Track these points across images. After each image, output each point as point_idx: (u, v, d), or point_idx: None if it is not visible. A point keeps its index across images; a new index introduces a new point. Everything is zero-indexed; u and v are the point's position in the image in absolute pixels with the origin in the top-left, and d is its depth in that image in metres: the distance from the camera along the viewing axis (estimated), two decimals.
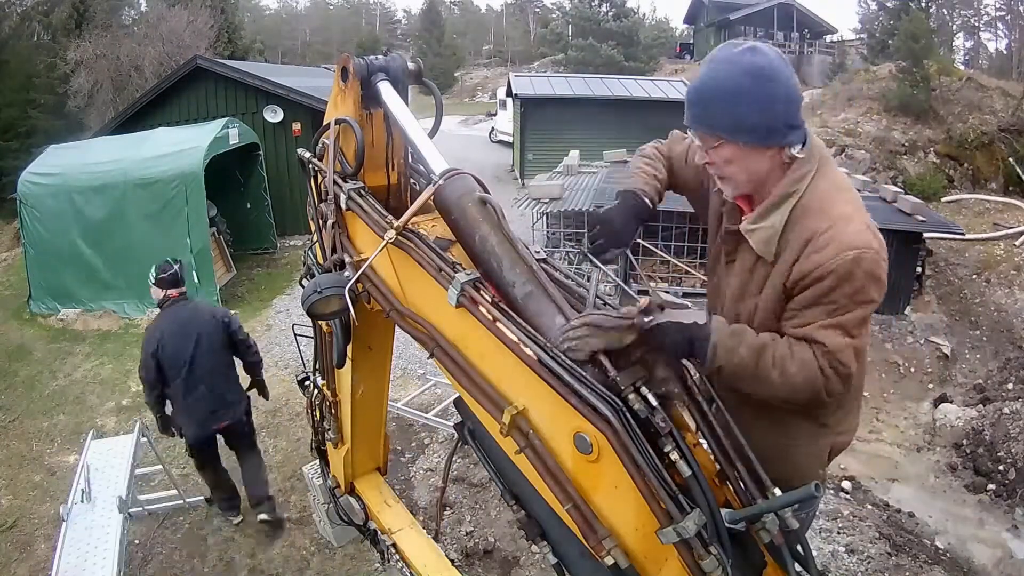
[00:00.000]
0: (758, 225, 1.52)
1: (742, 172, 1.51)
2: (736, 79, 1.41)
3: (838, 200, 1.47)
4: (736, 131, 1.45)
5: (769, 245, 1.51)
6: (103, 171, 8.19)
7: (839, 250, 1.39)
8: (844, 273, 1.38)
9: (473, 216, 1.45)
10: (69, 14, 18.14)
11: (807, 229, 1.45)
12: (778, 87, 1.42)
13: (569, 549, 1.44)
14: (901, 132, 14.30)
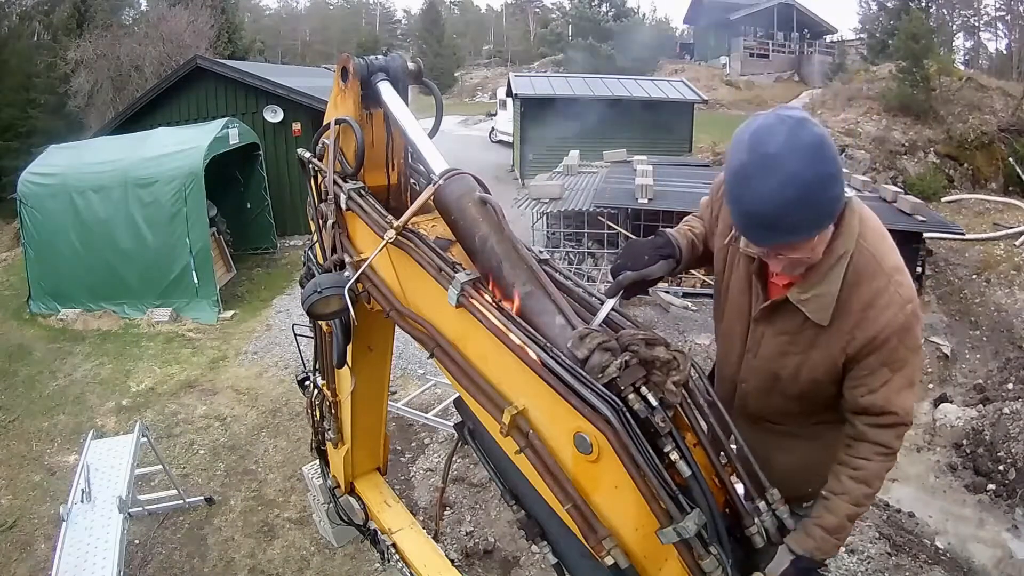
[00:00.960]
0: (811, 293, 1.43)
1: (810, 255, 1.39)
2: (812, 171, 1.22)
3: (885, 249, 1.43)
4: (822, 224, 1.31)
5: (826, 311, 1.42)
6: (103, 171, 8.19)
7: (901, 306, 1.38)
8: (906, 328, 1.39)
9: (473, 216, 1.45)
10: (70, 14, 18.16)
11: (866, 290, 1.40)
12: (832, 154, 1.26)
13: (569, 549, 1.44)
14: (901, 132, 14.31)
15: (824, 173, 1.23)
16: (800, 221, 1.26)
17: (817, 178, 1.22)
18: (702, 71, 28.70)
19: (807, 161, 1.21)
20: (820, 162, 1.22)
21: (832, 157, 1.25)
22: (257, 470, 5.00)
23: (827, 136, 1.26)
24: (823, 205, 1.27)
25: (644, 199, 8.61)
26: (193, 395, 6.22)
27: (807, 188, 1.22)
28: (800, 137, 1.22)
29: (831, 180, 1.25)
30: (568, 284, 1.49)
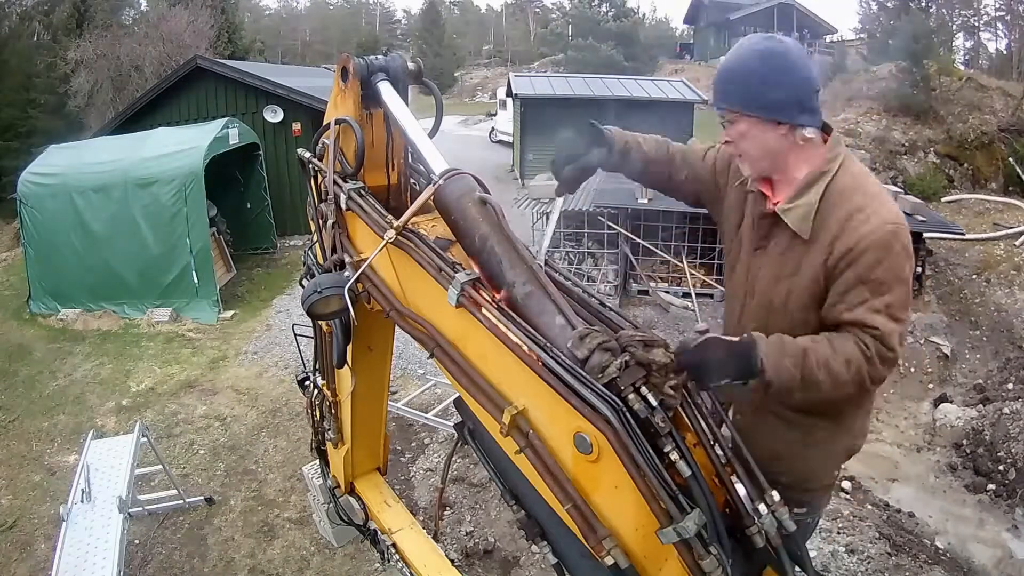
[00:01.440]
0: (794, 204, 1.57)
1: (756, 147, 1.59)
2: (752, 59, 1.55)
3: (870, 181, 1.56)
4: (748, 104, 1.55)
5: (806, 221, 1.54)
6: (103, 171, 8.19)
7: (881, 222, 1.44)
8: (886, 245, 1.43)
9: (473, 216, 1.45)
10: (70, 14, 18.16)
11: (846, 206, 1.49)
12: (789, 67, 1.52)
13: (569, 549, 1.44)
14: (901, 132, 14.30)
15: (766, 67, 1.52)
16: (732, 89, 1.58)
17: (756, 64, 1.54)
18: (702, 71, 28.70)
19: (758, 51, 1.55)
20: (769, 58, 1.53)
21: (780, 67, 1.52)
22: (257, 470, 5.00)
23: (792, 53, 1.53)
24: (754, 87, 1.53)
25: (644, 199, 8.61)
26: (193, 395, 6.22)
27: (748, 63, 1.55)
28: (775, 43, 1.55)
29: (770, 75, 1.52)
30: (567, 285, 1.49)
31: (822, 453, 1.70)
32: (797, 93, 1.53)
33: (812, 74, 1.56)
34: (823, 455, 1.71)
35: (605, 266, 8.95)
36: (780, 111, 1.54)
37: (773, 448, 1.44)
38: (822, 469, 1.73)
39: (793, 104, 1.53)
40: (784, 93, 1.53)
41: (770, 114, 1.54)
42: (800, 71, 1.54)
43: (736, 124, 1.59)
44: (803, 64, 1.54)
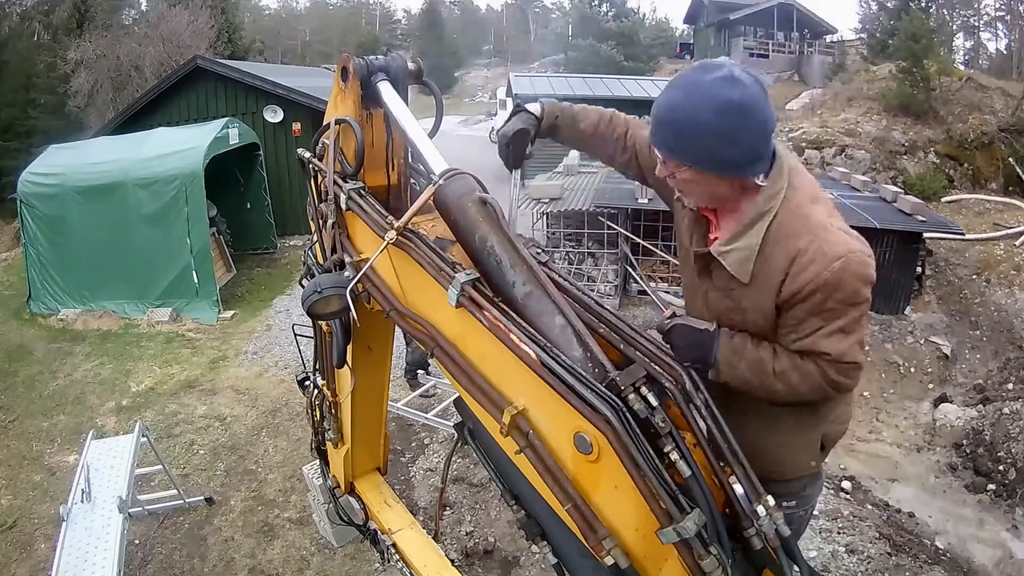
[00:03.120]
0: (731, 247, 1.48)
1: (704, 193, 1.51)
2: (707, 114, 1.36)
3: (813, 212, 1.45)
4: (700, 163, 1.43)
5: (744, 266, 1.47)
6: (103, 171, 8.19)
7: (827, 262, 1.38)
8: (835, 283, 1.38)
9: (473, 216, 1.45)
10: (70, 14, 18.14)
11: (789, 248, 1.42)
12: (749, 123, 1.38)
13: (569, 549, 1.44)
14: (901, 132, 14.30)
15: (725, 127, 1.36)
16: (681, 143, 1.42)
17: (713, 123, 1.36)
18: None
19: (716, 105, 1.35)
20: (727, 115, 1.35)
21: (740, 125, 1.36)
22: (257, 470, 5.00)
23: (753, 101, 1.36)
24: (710, 148, 1.39)
25: (644, 199, 8.61)
26: (193, 395, 6.22)
27: (703, 119, 1.36)
28: (734, 91, 1.35)
29: (729, 136, 1.37)
30: (568, 286, 1.49)
31: (797, 442, 1.68)
32: (754, 148, 1.42)
33: (769, 117, 1.42)
34: (796, 444, 1.68)
35: (605, 266, 8.95)
36: (734, 169, 1.43)
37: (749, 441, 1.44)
38: (797, 458, 1.69)
39: (748, 160, 1.42)
40: (741, 152, 1.40)
41: (723, 172, 1.44)
42: (759, 122, 1.39)
43: (680, 172, 1.47)
44: (762, 110, 1.39)
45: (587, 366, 1.27)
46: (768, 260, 1.44)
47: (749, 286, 1.48)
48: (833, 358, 1.43)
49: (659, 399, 1.20)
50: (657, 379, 1.25)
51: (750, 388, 1.50)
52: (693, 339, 1.50)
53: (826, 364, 1.44)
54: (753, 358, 1.47)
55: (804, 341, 1.45)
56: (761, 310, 1.49)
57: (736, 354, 1.48)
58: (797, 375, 1.46)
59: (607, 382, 1.21)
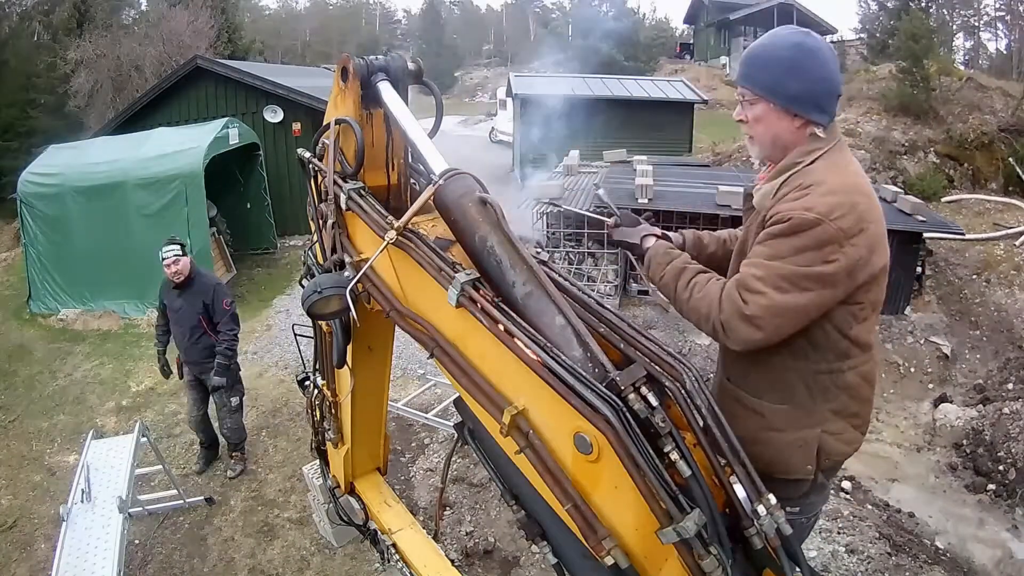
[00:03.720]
0: (762, 186, 1.68)
1: (767, 133, 1.65)
2: (784, 48, 1.59)
3: (834, 175, 1.56)
4: (771, 91, 1.60)
5: (764, 198, 1.63)
6: (103, 171, 8.19)
7: (804, 206, 1.49)
8: (795, 226, 1.48)
9: (473, 216, 1.45)
10: (70, 14, 18.12)
11: (794, 185, 1.57)
12: (815, 63, 1.57)
13: (569, 549, 1.44)
14: (901, 132, 14.29)
15: (796, 59, 1.57)
16: (756, 72, 1.63)
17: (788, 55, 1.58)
18: (702, 71, 28.70)
19: (793, 42, 1.60)
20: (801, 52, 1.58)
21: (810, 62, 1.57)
22: (257, 470, 5.00)
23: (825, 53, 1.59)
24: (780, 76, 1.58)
25: (644, 199, 8.61)
26: None
27: (779, 51, 1.60)
28: (809, 38, 1.61)
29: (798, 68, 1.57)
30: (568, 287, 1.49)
31: (785, 439, 1.67)
32: (817, 90, 1.59)
33: (836, 77, 1.62)
34: (787, 442, 1.67)
35: (605, 266, 8.95)
36: (797, 103, 1.58)
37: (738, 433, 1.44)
38: (789, 457, 1.69)
39: (811, 99, 1.58)
40: (805, 87, 1.57)
41: (787, 103, 1.59)
42: (825, 70, 1.58)
43: (753, 106, 1.64)
44: (830, 65, 1.59)
45: (587, 366, 1.27)
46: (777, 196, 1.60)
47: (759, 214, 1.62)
48: (739, 278, 1.53)
49: (659, 399, 1.20)
50: (657, 379, 1.25)
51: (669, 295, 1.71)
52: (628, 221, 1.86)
53: (730, 284, 1.54)
54: (677, 266, 1.69)
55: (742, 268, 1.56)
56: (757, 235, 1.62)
57: (666, 257, 1.73)
58: (701, 291, 1.61)
59: (607, 382, 1.21)
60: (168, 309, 4.66)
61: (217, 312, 4.53)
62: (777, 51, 1.60)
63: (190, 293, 4.51)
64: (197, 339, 4.57)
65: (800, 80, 1.57)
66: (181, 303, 4.53)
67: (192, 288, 4.52)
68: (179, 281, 4.46)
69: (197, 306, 4.50)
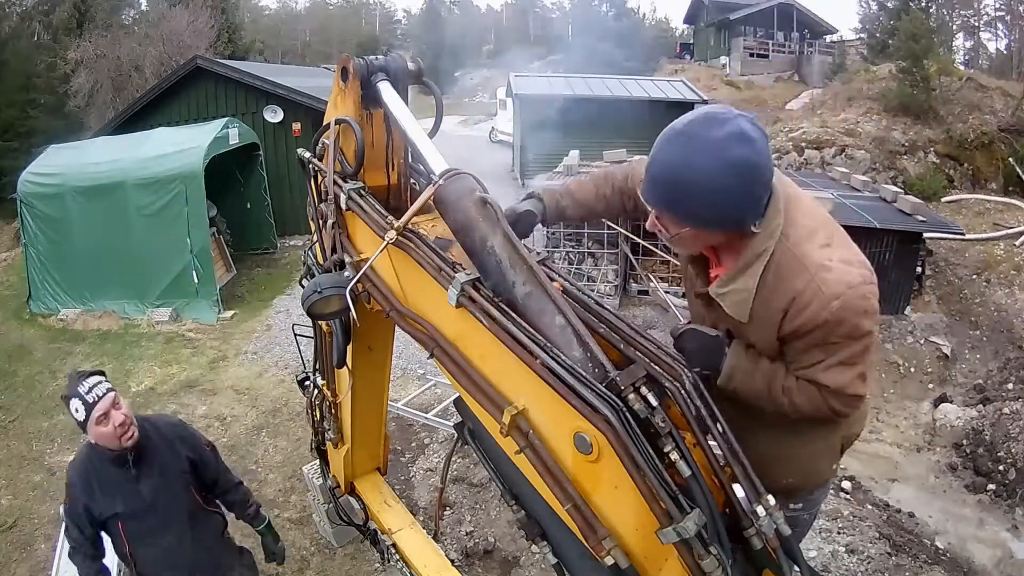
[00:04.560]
0: (728, 288, 1.46)
1: (699, 245, 1.51)
2: (717, 175, 1.29)
3: (812, 246, 1.41)
4: (703, 223, 1.39)
5: (743, 307, 1.45)
6: (103, 171, 8.19)
7: (825, 303, 1.36)
8: (834, 322, 1.37)
9: (473, 216, 1.45)
10: (70, 14, 18.15)
11: (786, 290, 1.39)
12: (761, 181, 1.34)
13: (569, 549, 1.44)
14: (901, 132, 14.29)
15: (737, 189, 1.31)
16: (692, 206, 1.36)
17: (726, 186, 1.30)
18: (702, 71, 28.68)
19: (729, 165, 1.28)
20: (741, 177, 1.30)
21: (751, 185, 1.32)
22: (257, 470, 5.00)
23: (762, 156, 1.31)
24: (719, 211, 1.35)
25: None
26: (193, 395, 6.22)
27: (715, 183, 1.30)
28: (740, 149, 1.28)
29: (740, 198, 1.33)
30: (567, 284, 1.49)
31: (819, 450, 1.69)
32: (760, 201, 1.38)
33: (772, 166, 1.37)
34: (820, 452, 1.70)
35: (605, 266, 8.95)
36: (737, 225, 1.39)
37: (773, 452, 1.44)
38: (821, 466, 1.72)
39: (753, 215, 1.38)
40: (747, 209, 1.36)
41: (727, 228, 1.41)
42: (766, 177, 1.35)
43: (677, 231, 1.42)
44: (767, 161, 1.34)
45: (587, 366, 1.27)
46: (767, 301, 1.42)
47: (750, 324, 1.47)
48: (833, 390, 1.44)
49: (659, 399, 1.20)
50: (657, 379, 1.25)
51: (758, 398, 1.51)
52: (704, 343, 1.51)
53: (828, 394, 1.45)
54: (767, 369, 1.49)
55: (806, 371, 1.46)
56: (765, 341, 1.49)
57: (753, 362, 1.49)
58: (802, 396, 1.47)
59: (607, 382, 1.21)
60: (120, 517, 2.36)
61: (207, 465, 2.57)
62: (712, 181, 1.29)
63: (155, 462, 2.39)
64: (200, 532, 2.53)
65: (740, 207, 1.35)
66: (148, 489, 2.36)
67: (153, 452, 2.39)
68: (131, 444, 2.29)
69: (177, 478, 2.44)
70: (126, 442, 2.27)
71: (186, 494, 2.48)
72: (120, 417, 2.24)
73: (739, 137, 1.28)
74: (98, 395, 2.21)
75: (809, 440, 1.65)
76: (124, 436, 2.25)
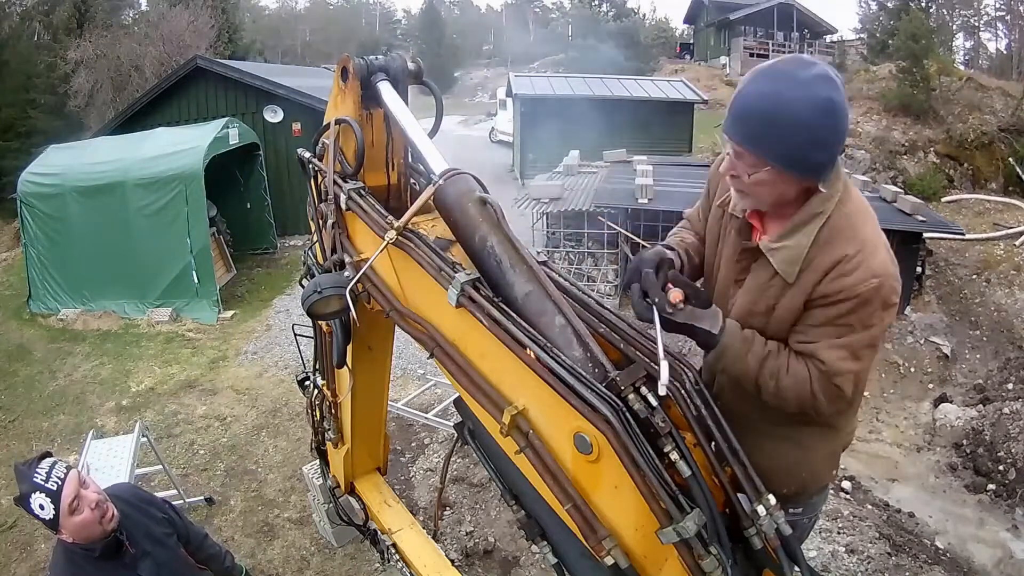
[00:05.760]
0: (782, 244, 1.46)
1: (771, 194, 1.45)
2: (806, 111, 1.29)
3: (866, 224, 1.43)
4: (786, 162, 1.35)
5: (793, 265, 1.44)
6: (103, 171, 8.20)
7: (866, 276, 1.37)
8: (865, 299, 1.38)
9: (473, 216, 1.45)
10: (70, 14, 18.14)
11: (836, 251, 1.40)
12: (842, 128, 1.35)
13: (569, 549, 1.44)
14: (901, 132, 14.31)
15: (822, 127, 1.31)
16: (775, 139, 1.33)
17: (812, 121, 1.30)
18: (702, 71, 28.68)
19: (815, 102, 1.29)
20: (826, 116, 1.30)
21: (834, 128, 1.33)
22: (257, 470, 5.00)
23: (845, 105, 1.32)
24: (802, 147, 1.33)
25: (644, 199, 8.61)
26: (193, 395, 6.22)
27: (801, 116, 1.29)
28: (837, 92, 1.30)
29: (823, 137, 1.32)
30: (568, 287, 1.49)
31: (820, 457, 1.70)
32: (837, 152, 1.39)
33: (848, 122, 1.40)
34: (821, 458, 1.71)
35: (605, 266, 8.95)
36: (817, 172, 1.38)
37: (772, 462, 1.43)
38: (822, 472, 1.73)
39: (831, 165, 1.39)
40: (829, 156, 1.36)
41: (806, 174, 1.38)
42: (845, 127, 1.36)
43: (757, 172, 1.39)
44: (848, 115, 1.37)
45: (587, 366, 1.27)
46: (812, 260, 1.42)
47: (789, 285, 1.46)
48: (826, 369, 1.43)
49: (659, 399, 1.20)
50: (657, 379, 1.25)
51: (745, 381, 1.51)
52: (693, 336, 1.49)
53: (817, 373, 1.44)
54: (760, 352, 1.49)
55: (810, 345, 1.45)
56: (791, 308, 1.48)
57: (747, 344, 1.49)
58: (789, 379, 1.47)
59: (607, 382, 1.21)
60: None
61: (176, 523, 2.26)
62: (801, 115, 1.29)
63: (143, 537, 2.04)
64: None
65: (825, 149, 1.34)
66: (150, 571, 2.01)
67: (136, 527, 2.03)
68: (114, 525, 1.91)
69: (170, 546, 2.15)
70: (108, 524, 1.86)
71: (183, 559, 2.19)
72: (93, 497, 1.83)
73: (826, 79, 1.31)
74: (59, 478, 1.79)
75: (810, 448, 1.65)
76: (105, 518, 1.85)
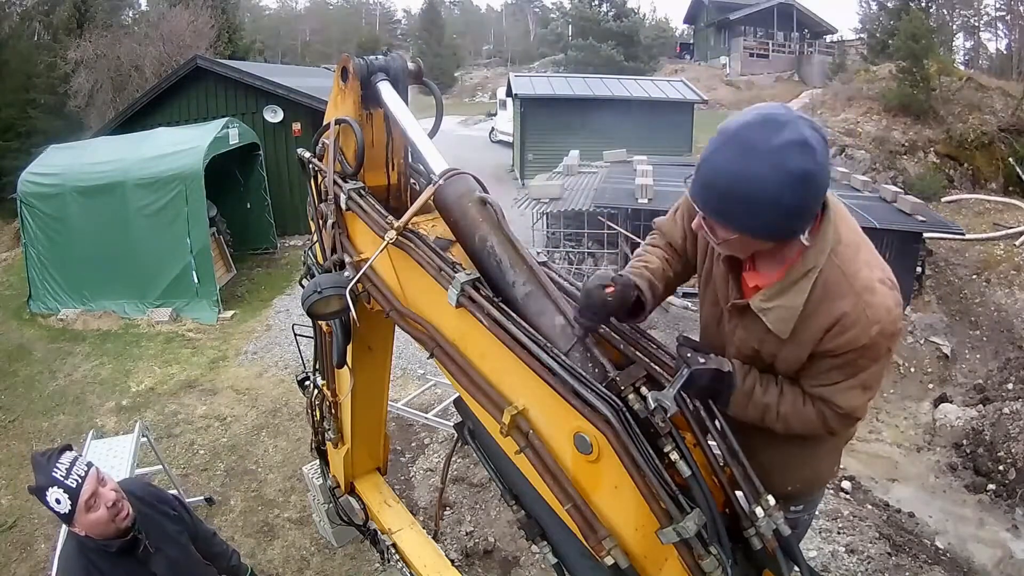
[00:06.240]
0: (774, 304, 1.38)
1: (747, 251, 1.41)
2: (775, 187, 1.19)
3: (858, 265, 1.37)
4: (757, 234, 1.30)
5: (786, 324, 1.38)
6: (103, 171, 8.19)
7: (868, 327, 1.33)
8: (870, 346, 1.35)
9: (473, 216, 1.45)
10: (70, 14, 18.13)
11: (833, 310, 1.34)
12: (818, 193, 1.26)
13: (569, 549, 1.44)
14: (901, 132, 14.31)
15: (795, 201, 1.22)
16: (746, 215, 1.26)
17: (784, 197, 1.21)
18: (702, 71, 28.71)
19: (789, 176, 1.19)
20: (801, 188, 1.21)
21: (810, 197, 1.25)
22: (257, 470, 5.00)
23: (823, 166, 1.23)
24: (774, 221, 1.26)
25: (644, 199, 8.62)
26: (193, 395, 6.22)
27: (772, 193, 1.20)
28: (798, 158, 1.19)
29: (797, 209, 1.25)
30: (568, 287, 1.49)
31: (824, 454, 1.69)
32: (814, 212, 1.30)
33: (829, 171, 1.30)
34: (825, 456, 1.70)
35: (605, 266, 8.95)
36: (789, 235, 1.32)
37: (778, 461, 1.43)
38: (826, 469, 1.73)
39: (806, 226, 1.30)
40: (803, 221, 1.28)
41: (781, 239, 1.34)
42: (824, 187, 1.27)
43: (728, 238, 1.34)
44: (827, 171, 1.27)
45: (587, 366, 1.27)
46: (809, 318, 1.36)
47: (785, 341, 1.42)
48: (844, 412, 1.42)
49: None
50: (657, 379, 1.25)
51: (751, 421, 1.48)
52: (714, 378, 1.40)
53: (831, 414, 1.43)
54: (761, 403, 1.45)
55: (822, 390, 1.43)
56: (793, 360, 1.44)
57: (747, 397, 1.44)
58: (797, 421, 1.45)
59: (607, 382, 1.21)
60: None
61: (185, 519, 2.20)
62: (770, 192, 1.20)
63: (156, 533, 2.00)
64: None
65: (797, 219, 1.27)
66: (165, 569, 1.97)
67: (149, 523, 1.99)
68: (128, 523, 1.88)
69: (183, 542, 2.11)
70: (122, 522, 1.84)
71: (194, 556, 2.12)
72: (111, 496, 1.81)
73: (799, 145, 1.19)
74: (80, 476, 1.77)
75: (813, 446, 1.64)
76: (119, 516, 1.83)
